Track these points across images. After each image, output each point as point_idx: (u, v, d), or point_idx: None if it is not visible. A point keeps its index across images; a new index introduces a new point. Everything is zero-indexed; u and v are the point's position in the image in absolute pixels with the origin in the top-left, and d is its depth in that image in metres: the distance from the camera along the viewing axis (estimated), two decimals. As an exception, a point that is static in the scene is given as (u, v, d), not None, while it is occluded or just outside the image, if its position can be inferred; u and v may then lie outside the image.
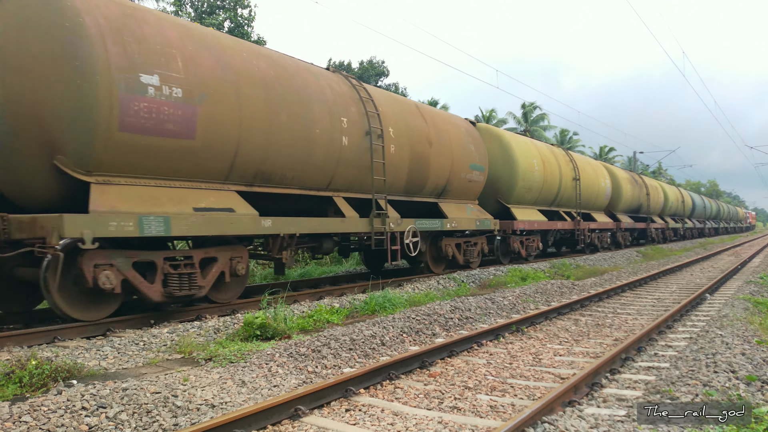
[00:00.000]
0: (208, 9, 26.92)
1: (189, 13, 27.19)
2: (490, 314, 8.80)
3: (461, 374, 5.66)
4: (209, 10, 26.87)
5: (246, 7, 27.42)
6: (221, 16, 26.55)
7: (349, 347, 6.21)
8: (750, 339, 6.41)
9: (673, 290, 12.15)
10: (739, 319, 7.83)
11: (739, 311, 8.53)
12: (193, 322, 7.43)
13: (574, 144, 52.48)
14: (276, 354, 5.66)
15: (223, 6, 27.06)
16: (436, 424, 4.23)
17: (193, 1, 27.62)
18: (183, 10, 27.25)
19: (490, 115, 44.83)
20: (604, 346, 6.91)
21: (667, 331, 7.65)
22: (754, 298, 10.09)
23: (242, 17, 27.29)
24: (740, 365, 5.28)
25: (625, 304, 10.36)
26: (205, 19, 25.73)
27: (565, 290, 11.53)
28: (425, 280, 11.92)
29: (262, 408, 4.07)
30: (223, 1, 27.15)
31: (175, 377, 4.91)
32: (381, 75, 36.44)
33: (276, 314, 7.03)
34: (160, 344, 6.37)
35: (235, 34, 25.48)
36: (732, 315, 8.14)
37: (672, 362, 5.75)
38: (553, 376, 5.64)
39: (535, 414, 4.12)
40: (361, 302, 8.93)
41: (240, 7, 27.26)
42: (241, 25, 26.79)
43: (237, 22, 26.70)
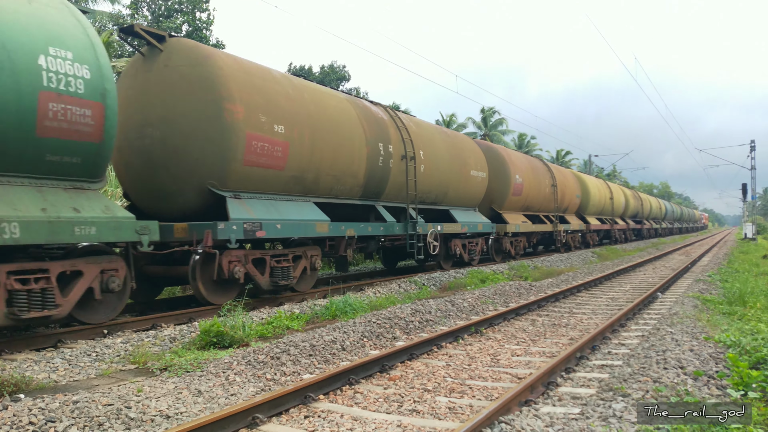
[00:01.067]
0: (165, 12, 26.44)
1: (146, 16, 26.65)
2: (450, 316, 8.88)
3: (421, 377, 5.70)
4: (167, 14, 26.40)
5: (204, 10, 27.03)
6: (179, 20, 26.11)
7: (309, 353, 6.17)
8: (698, 335, 6.64)
9: (626, 289, 12.49)
10: (688, 316, 8.10)
11: (688, 309, 8.83)
12: (148, 332, 7.28)
13: (532, 148, 53.47)
14: (233, 362, 5.58)
15: (180, 9, 26.60)
16: (395, 428, 4.25)
17: (149, 5, 27.10)
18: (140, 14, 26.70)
19: (450, 120, 45.31)
20: (560, 346, 7.05)
21: (620, 330, 7.86)
22: (703, 296, 10.46)
23: (200, 21, 26.88)
24: (688, 361, 5.47)
25: (580, 303, 10.60)
26: (163, 22, 25.27)
27: (523, 291, 11.73)
28: (386, 284, 11.96)
29: (219, 417, 4.00)
30: (181, 4, 26.71)
31: (129, 388, 4.80)
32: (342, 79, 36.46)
33: (234, 322, 6.93)
34: (113, 355, 6.21)
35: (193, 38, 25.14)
36: (682, 313, 8.42)
37: (625, 360, 5.92)
38: (511, 377, 5.73)
39: (492, 414, 4.18)
40: (322, 307, 8.89)
41: (198, 11, 26.86)
42: (200, 28, 26.39)
43: (195, 26, 26.28)
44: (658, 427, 3.88)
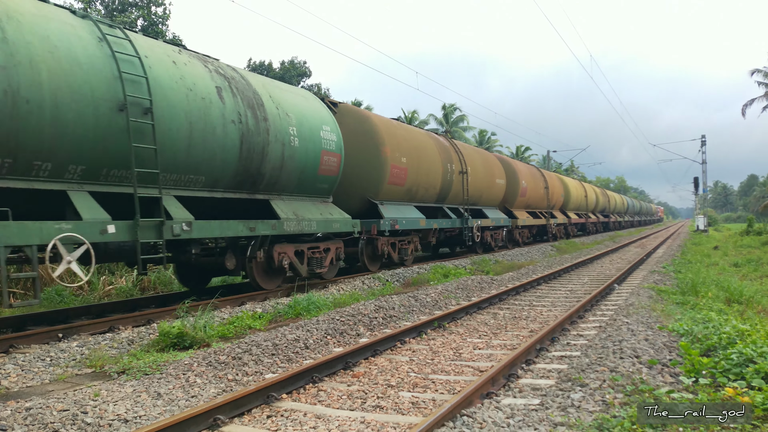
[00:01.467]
0: (119, 6, 25.72)
1: (99, 10, 25.88)
2: (414, 312, 8.94)
3: (384, 373, 5.72)
4: (120, 8, 25.68)
5: (160, 5, 26.40)
6: (134, 14, 25.43)
7: (272, 352, 6.13)
8: (653, 325, 6.85)
9: (584, 282, 12.78)
10: (643, 306, 8.35)
11: (643, 299, 9.10)
12: (105, 334, 7.09)
13: (493, 144, 54.14)
14: (194, 363, 5.50)
15: (135, 4, 25.93)
16: (358, 425, 4.25)
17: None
18: (92, 7, 25.90)
19: (412, 117, 45.47)
20: (520, 338, 7.17)
21: (578, 321, 8.04)
22: (658, 287, 10.79)
23: (156, 15, 26.24)
24: (643, 350, 5.63)
25: (540, 296, 10.80)
26: (117, 17, 24.58)
27: (485, 285, 11.88)
28: (350, 281, 11.94)
29: (179, 420, 3.93)
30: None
31: (85, 393, 4.68)
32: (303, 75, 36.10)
33: (195, 322, 6.82)
34: (68, 359, 6.03)
35: (149, 33, 24.52)
36: (637, 303, 8.67)
37: (583, 350, 6.05)
38: (473, 370, 5.80)
39: (454, 408, 4.22)
40: (285, 306, 8.82)
41: (154, 5, 26.21)
42: (155, 23, 25.75)
43: (151, 20, 25.64)
44: (615, 416, 3.98)
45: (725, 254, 21.70)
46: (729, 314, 7.94)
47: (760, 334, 5.65)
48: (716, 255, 21.23)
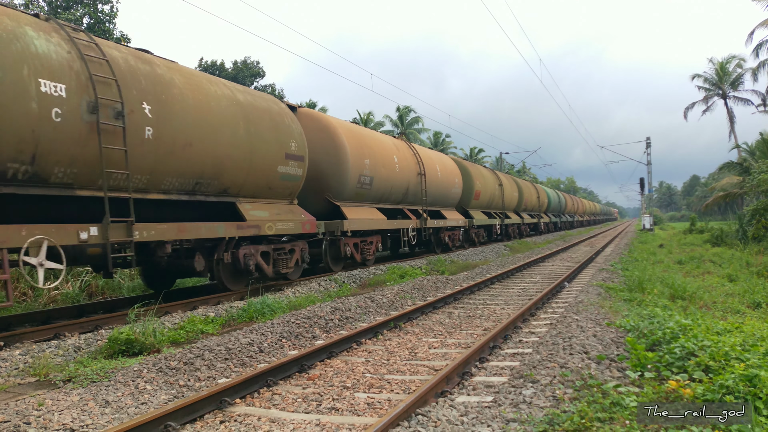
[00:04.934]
0: (64, 3, 24.84)
1: (42, 7, 24.93)
2: (370, 312, 8.95)
3: (340, 374, 5.70)
4: (65, 5, 24.81)
5: (107, 2, 25.62)
6: (79, 12, 24.61)
7: (225, 357, 6.03)
8: (601, 322, 7.06)
9: (536, 280, 13.06)
10: (592, 304, 8.59)
11: (592, 297, 9.36)
12: (50, 342, 6.84)
13: (447, 146, 54.73)
14: (144, 370, 5.36)
15: (81, 1, 25.08)
16: (313, 427, 4.23)
17: (46, -6, 25.32)
18: (35, 4, 24.93)
19: (367, 118, 45.54)
20: (474, 337, 7.27)
21: (530, 319, 8.21)
22: (606, 284, 11.12)
23: (103, 13, 25.45)
24: (592, 346, 5.80)
25: (494, 295, 10.98)
26: (61, 14, 23.74)
27: (440, 285, 12.00)
28: (306, 283, 11.87)
29: (128, 428, 3.83)
30: (80, -6, 25.15)
31: (29, 402, 4.50)
32: (256, 76, 35.67)
33: (145, 328, 6.65)
34: (10, 368, 5.79)
35: (95, 31, 23.75)
36: (587, 300, 8.91)
37: (534, 347, 6.18)
38: (428, 369, 5.85)
39: (409, 407, 4.25)
40: (239, 310, 8.69)
41: (101, 3, 25.42)
42: (102, 21, 24.99)
43: (97, 18, 24.86)
44: (565, 410, 4.09)
45: (670, 252, 22.52)
46: (673, 310, 8.25)
47: (701, 328, 5.90)
48: (661, 253, 22.01)
